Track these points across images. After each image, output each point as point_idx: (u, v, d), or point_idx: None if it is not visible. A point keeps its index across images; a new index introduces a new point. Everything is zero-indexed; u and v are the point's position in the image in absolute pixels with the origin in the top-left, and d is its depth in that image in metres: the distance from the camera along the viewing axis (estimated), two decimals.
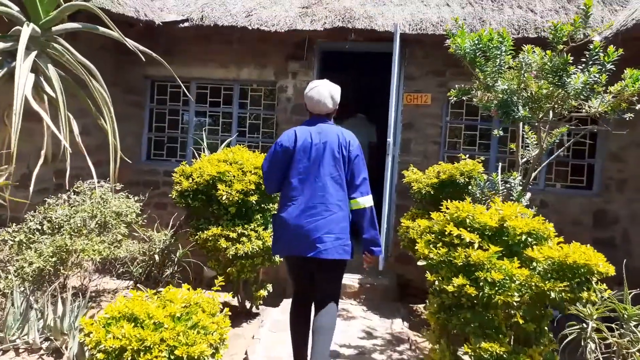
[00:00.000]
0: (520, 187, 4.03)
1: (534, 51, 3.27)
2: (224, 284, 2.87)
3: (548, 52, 3.27)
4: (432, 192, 4.40)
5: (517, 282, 2.28)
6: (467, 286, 2.29)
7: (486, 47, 3.39)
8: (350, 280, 5.06)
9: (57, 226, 4.03)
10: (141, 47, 2.85)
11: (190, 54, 5.80)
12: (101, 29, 2.70)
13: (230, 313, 2.59)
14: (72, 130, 2.56)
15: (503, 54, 3.34)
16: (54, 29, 2.60)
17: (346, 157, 2.84)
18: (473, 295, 2.28)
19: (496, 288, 2.28)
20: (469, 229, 2.45)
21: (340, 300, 4.98)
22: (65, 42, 2.65)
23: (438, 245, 2.46)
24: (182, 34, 5.49)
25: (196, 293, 2.60)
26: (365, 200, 2.84)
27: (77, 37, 4.98)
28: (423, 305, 4.96)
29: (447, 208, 2.58)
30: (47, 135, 2.64)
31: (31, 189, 2.65)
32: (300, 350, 3.01)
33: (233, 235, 3.99)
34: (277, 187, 2.98)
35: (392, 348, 3.79)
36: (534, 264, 2.40)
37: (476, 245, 2.37)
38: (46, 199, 4.18)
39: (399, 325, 4.24)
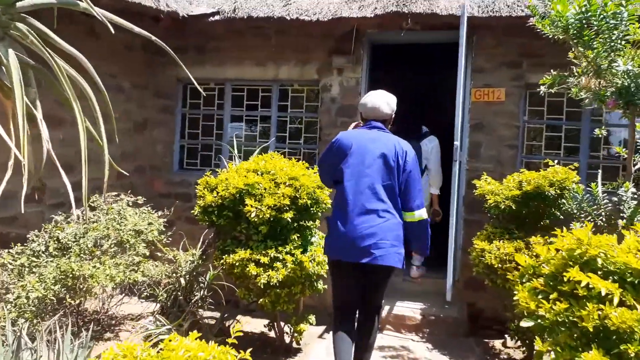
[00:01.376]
0: (636, 202, 3.09)
1: None
2: (241, 334, 2.17)
3: None
4: (513, 207, 3.50)
5: None
6: None
7: (596, 15, 2.51)
8: (411, 310, 4.22)
9: (65, 247, 3.50)
10: (137, 29, 2.20)
11: (224, 51, 5.19)
12: (82, 4, 2.07)
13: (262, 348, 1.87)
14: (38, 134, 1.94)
15: (623, 23, 2.43)
16: (19, 4, 2.01)
17: (402, 167, 2.80)
18: None
19: None
20: (599, 272, 1.59)
21: (399, 333, 4.20)
22: (36, 22, 2.05)
23: (551, 296, 1.61)
24: (214, 29, 4.90)
25: (203, 349, 1.92)
26: (421, 213, 2.83)
27: (98, 35, 4.48)
28: (501, 340, 4.04)
29: (564, 238, 1.72)
30: (13, 140, 2.04)
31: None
32: None
33: (264, 260, 3.28)
34: (329, 182, 3.02)
35: None
36: None
37: (616, 300, 1.51)
38: (53, 215, 3.65)
39: None
